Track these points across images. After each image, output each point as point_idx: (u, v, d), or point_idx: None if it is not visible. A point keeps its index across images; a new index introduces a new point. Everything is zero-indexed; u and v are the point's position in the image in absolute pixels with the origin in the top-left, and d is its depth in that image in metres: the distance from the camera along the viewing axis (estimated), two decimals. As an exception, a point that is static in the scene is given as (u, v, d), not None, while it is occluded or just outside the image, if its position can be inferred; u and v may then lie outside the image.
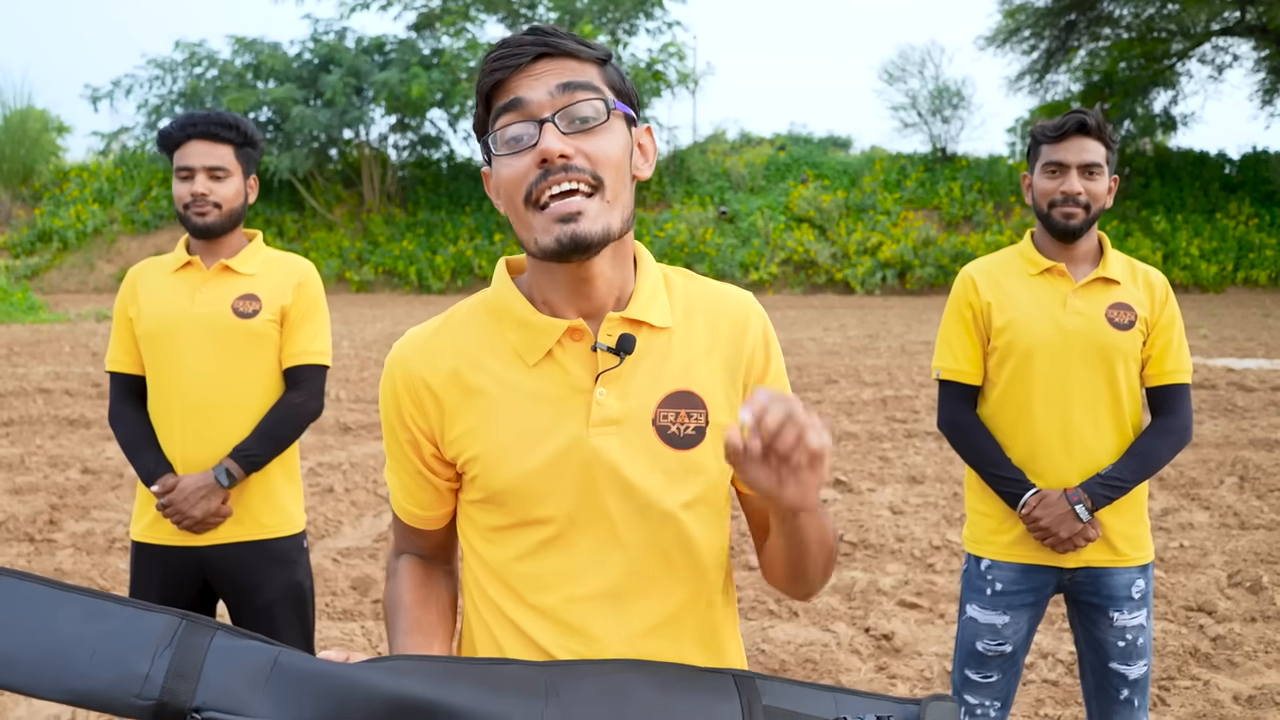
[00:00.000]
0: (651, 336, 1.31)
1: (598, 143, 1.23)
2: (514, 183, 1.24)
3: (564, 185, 1.20)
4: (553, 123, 1.22)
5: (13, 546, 5.49)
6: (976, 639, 2.48)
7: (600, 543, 1.29)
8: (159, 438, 2.59)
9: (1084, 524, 2.35)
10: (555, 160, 1.20)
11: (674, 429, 1.30)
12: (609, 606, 1.29)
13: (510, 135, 1.24)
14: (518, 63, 1.25)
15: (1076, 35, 28.84)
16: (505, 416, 1.29)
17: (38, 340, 15.25)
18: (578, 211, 1.21)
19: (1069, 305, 2.41)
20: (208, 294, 2.57)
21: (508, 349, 1.31)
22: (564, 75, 1.24)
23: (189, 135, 2.53)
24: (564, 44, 1.26)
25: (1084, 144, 2.39)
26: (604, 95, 1.25)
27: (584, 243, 1.21)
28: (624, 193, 1.26)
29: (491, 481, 1.30)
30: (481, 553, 1.36)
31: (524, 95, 1.23)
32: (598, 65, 1.28)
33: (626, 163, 1.27)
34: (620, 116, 1.28)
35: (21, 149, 30.00)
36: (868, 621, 4.38)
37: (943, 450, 7.75)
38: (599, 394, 1.28)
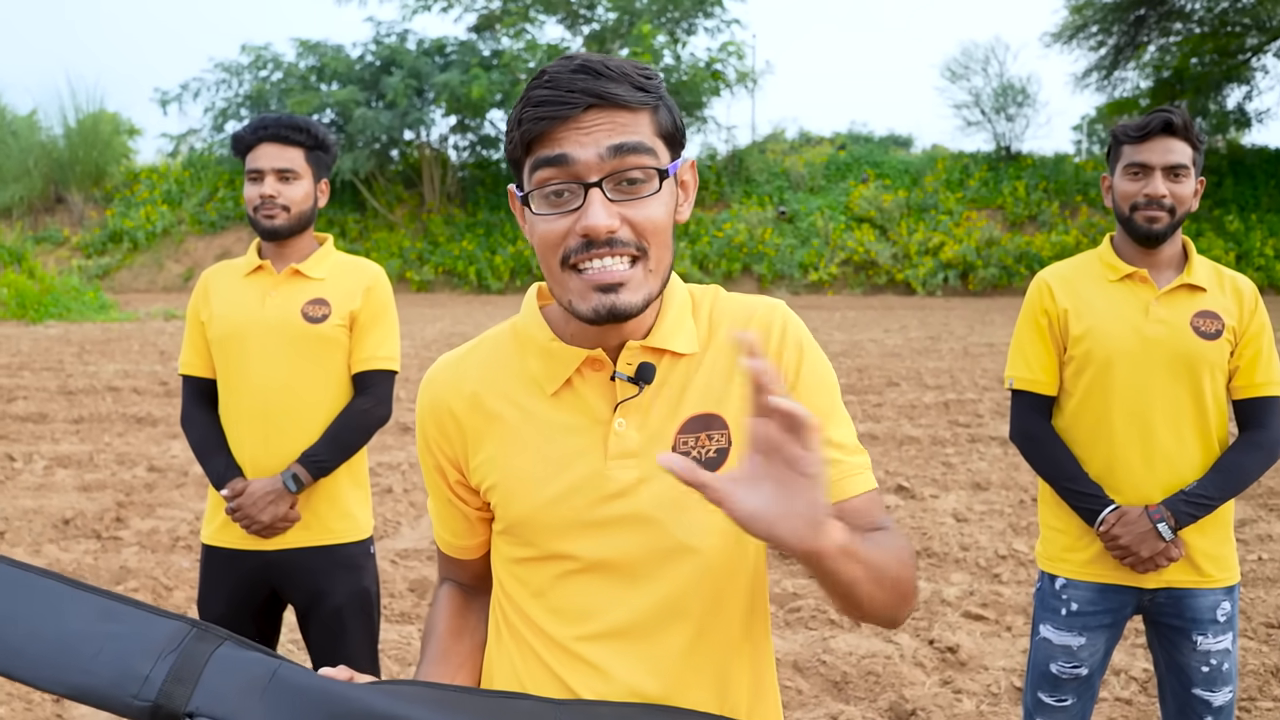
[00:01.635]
0: (674, 364, 1.25)
1: (646, 210, 1.16)
2: (551, 243, 1.16)
3: (606, 261, 1.14)
4: (600, 189, 1.14)
5: (80, 543, 5.59)
6: (1050, 661, 2.38)
7: (619, 579, 1.24)
8: (229, 441, 2.59)
9: (1166, 543, 2.24)
10: (601, 236, 1.13)
11: (694, 454, 1.22)
12: (629, 645, 1.23)
13: (552, 191, 1.15)
14: (565, 114, 1.13)
15: (1146, 30, 28.18)
16: (523, 445, 1.26)
17: (108, 339, 15.59)
18: (619, 283, 1.14)
19: (1151, 313, 2.30)
20: (278, 298, 2.57)
21: (528, 377, 1.27)
22: (616, 134, 1.14)
23: (260, 138, 2.53)
24: (617, 95, 1.14)
25: (1169, 144, 2.27)
26: (658, 158, 1.17)
27: (623, 314, 1.15)
28: (666, 255, 1.20)
29: (509, 511, 1.27)
30: (505, 583, 1.33)
31: (571, 153, 1.13)
32: (651, 111, 1.18)
33: (671, 221, 1.20)
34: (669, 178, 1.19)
35: (94, 152, 30.79)
36: (932, 633, 4.27)
37: (1008, 456, 7.58)
38: (618, 425, 1.23)
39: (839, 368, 12.12)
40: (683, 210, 1.25)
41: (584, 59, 1.16)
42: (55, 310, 18.84)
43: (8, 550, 5.44)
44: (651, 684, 1.22)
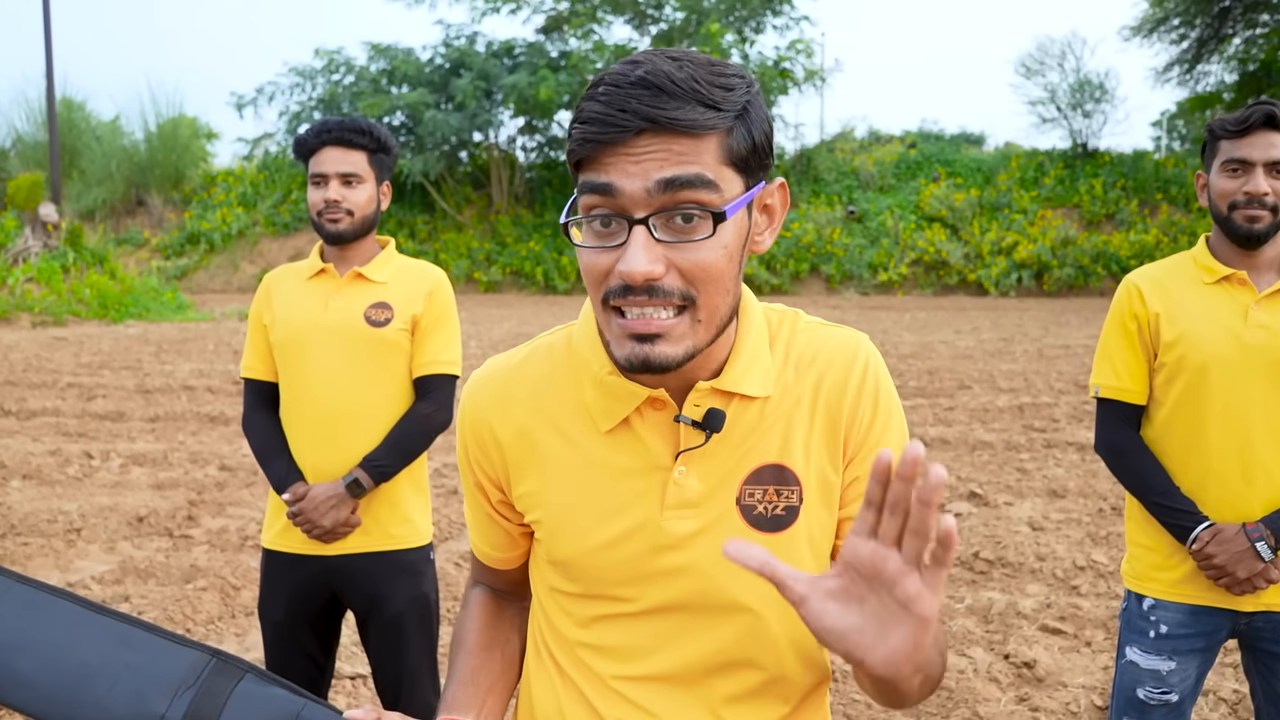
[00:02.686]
0: (744, 407, 1.13)
1: (698, 255, 1.00)
2: (594, 279, 1.04)
3: (645, 310, 1.01)
4: (647, 227, 0.99)
5: (153, 541, 5.67)
6: (1137, 685, 2.25)
7: (671, 630, 1.15)
8: (291, 445, 2.57)
9: (1265, 564, 2.10)
10: (639, 283, 0.99)
11: (760, 509, 1.12)
12: (677, 690, 1.15)
13: (598, 220, 1.02)
14: (612, 138, 0.99)
15: (1231, 22, 27.31)
16: (572, 485, 1.15)
17: (184, 338, 15.94)
18: (657, 334, 1.01)
19: (1251, 318, 2.16)
20: (340, 302, 2.55)
21: (581, 408, 1.15)
22: (669, 165, 0.98)
23: (323, 142, 2.51)
24: (676, 117, 0.98)
25: (1272, 139, 2.13)
26: (721, 193, 1.00)
27: (658, 368, 1.02)
28: (724, 302, 1.05)
29: (555, 550, 1.18)
30: (546, 607, 1.24)
31: (619, 183, 0.99)
32: (722, 134, 1.01)
33: (735, 264, 1.05)
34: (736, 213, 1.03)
35: (173, 155, 31.59)
36: (1007, 647, 4.12)
37: (1085, 463, 7.34)
38: (678, 473, 1.12)
39: (909, 370, 11.91)
40: (762, 240, 1.10)
41: (648, 68, 0.99)
42: (135, 310, 19.32)
43: (84, 547, 5.54)
44: None
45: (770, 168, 1.09)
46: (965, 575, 5.06)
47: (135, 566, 5.19)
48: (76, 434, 8.51)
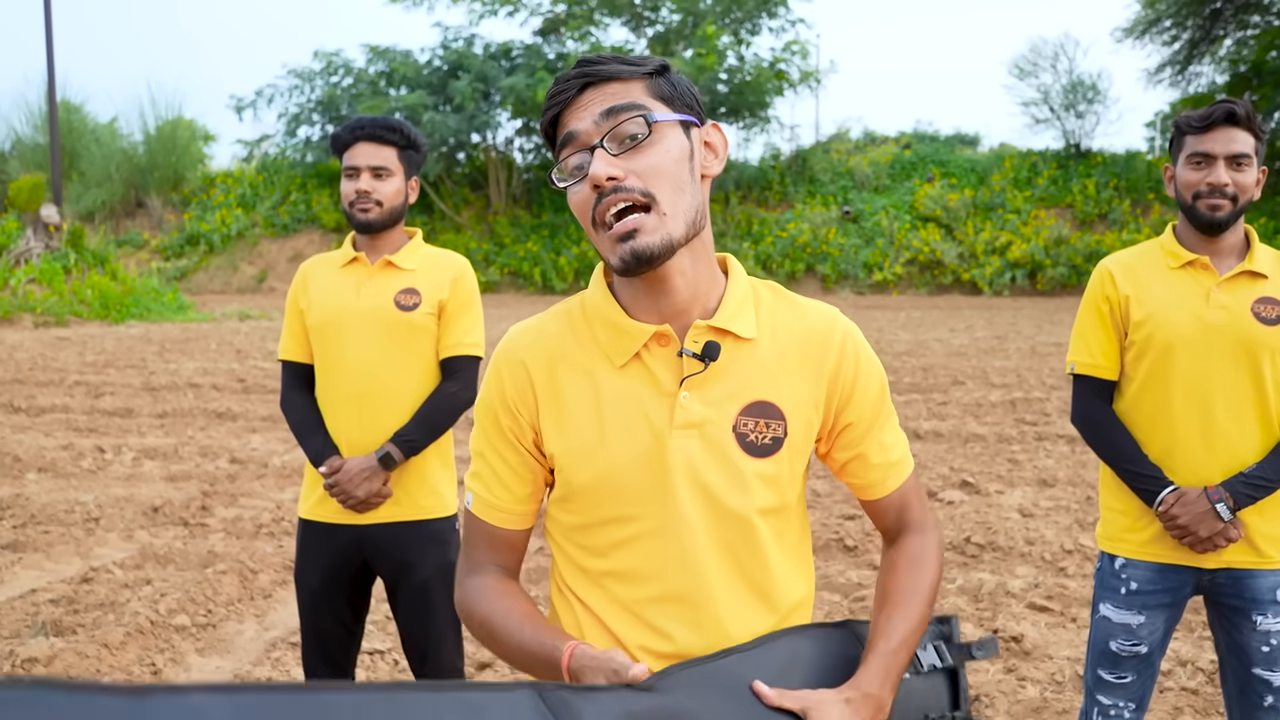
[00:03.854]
0: (736, 346, 1.35)
1: (646, 159, 1.27)
2: (580, 209, 1.30)
3: (618, 205, 1.26)
4: (602, 147, 1.27)
5: (169, 529, 5.84)
6: (1110, 639, 2.44)
7: (677, 544, 1.33)
8: (326, 422, 2.74)
9: (1225, 523, 2.29)
10: (605, 184, 1.25)
11: (753, 437, 1.34)
12: (687, 610, 1.33)
13: (572, 166, 1.30)
14: (566, 98, 1.31)
15: (1222, 24, 27.55)
16: (593, 413, 1.34)
17: (186, 338, 16.09)
18: (634, 229, 1.25)
19: (1212, 299, 2.35)
20: (372, 288, 2.72)
21: (597, 349, 1.36)
22: (606, 101, 1.29)
23: (357, 137, 2.69)
24: (605, 69, 1.30)
25: (1232, 134, 2.32)
26: (646, 110, 1.28)
27: (645, 256, 1.26)
28: (682, 199, 1.29)
29: (574, 477, 1.35)
30: (565, 549, 1.41)
31: (575, 128, 1.29)
32: (644, 80, 1.31)
33: (684, 168, 1.30)
34: (670, 126, 1.30)
35: (172, 157, 31.73)
36: (996, 623, 4.31)
37: (1075, 454, 7.54)
38: (683, 397, 1.32)
39: (903, 367, 12.10)
40: (710, 166, 1.36)
41: (584, 56, 1.34)
42: (136, 311, 19.46)
43: (103, 535, 5.71)
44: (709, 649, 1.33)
45: (701, 116, 1.37)
46: (957, 558, 5.25)
47: (155, 553, 5.36)
48: (87, 429, 8.67)
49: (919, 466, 7.23)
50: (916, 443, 8.06)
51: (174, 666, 4.01)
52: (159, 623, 4.27)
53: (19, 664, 3.81)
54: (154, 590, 4.75)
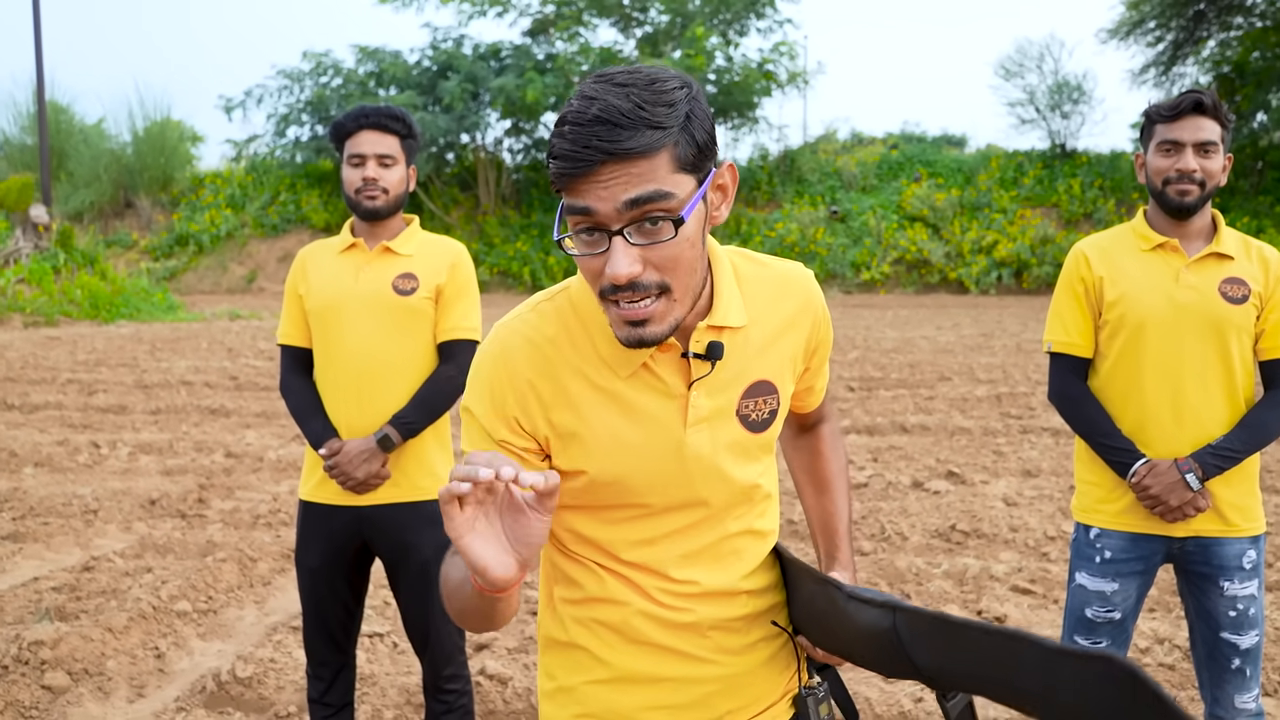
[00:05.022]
0: (732, 336, 1.41)
1: (666, 252, 1.24)
2: (590, 277, 1.28)
3: (633, 302, 1.25)
4: (623, 236, 1.22)
5: (167, 521, 5.92)
6: (1085, 606, 2.55)
7: (693, 518, 1.44)
8: (326, 405, 2.81)
9: (1194, 493, 2.40)
10: (623, 283, 1.23)
11: (754, 416, 1.44)
12: (710, 561, 1.45)
13: (583, 233, 1.25)
14: (582, 171, 1.20)
15: (1206, 25, 27.78)
16: (609, 420, 1.38)
17: (177, 337, 16.12)
18: (645, 319, 1.26)
19: (1181, 280, 2.46)
20: (370, 273, 2.79)
21: (599, 361, 1.38)
22: (631, 187, 1.20)
23: (360, 126, 2.75)
24: (630, 149, 1.19)
25: (1199, 122, 2.43)
26: (674, 202, 1.22)
27: (652, 343, 1.28)
28: (694, 279, 1.29)
29: (605, 472, 1.40)
30: (568, 520, 1.46)
31: (592, 205, 1.21)
32: (669, 147, 1.22)
33: (699, 246, 1.29)
34: (695, 210, 1.27)
35: (160, 158, 31.65)
36: (980, 604, 4.42)
37: (1059, 445, 7.66)
38: (694, 397, 1.39)
39: (891, 364, 12.23)
40: (719, 214, 1.33)
41: (601, 106, 1.20)
42: (126, 311, 19.46)
43: (102, 526, 5.79)
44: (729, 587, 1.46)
45: (716, 155, 1.31)
46: (942, 545, 5.36)
47: (154, 543, 5.44)
48: (82, 425, 8.73)
49: (906, 458, 7.35)
50: (904, 436, 8.18)
51: (177, 650, 4.09)
52: (161, 608, 4.35)
53: (25, 646, 3.88)
54: (155, 578, 4.83)
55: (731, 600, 1.46)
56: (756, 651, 1.49)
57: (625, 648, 1.45)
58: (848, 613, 1.34)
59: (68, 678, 3.75)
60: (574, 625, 1.48)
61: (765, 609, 1.50)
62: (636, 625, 1.44)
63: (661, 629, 1.44)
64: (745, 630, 1.48)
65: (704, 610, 1.45)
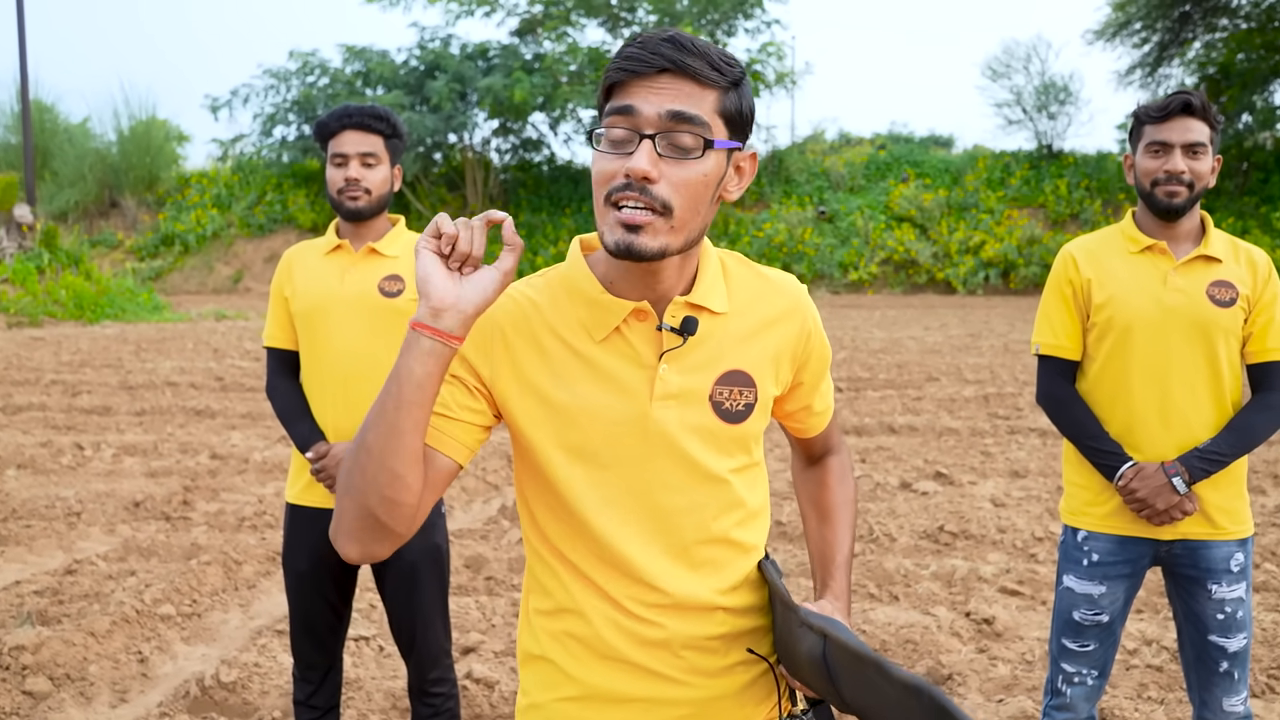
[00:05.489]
0: (710, 320, 1.42)
1: (684, 173, 1.30)
2: (602, 179, 1.32)
3: (637, 204, 1.29)
4: (652, 142, 1.29)
5: (151, 524, 5.87)
6: (1073, 608, 2.54)
7: (661, 508, 1.41)
8: (312, 408, 2.79)
9: (1181, 496, 2.39)
10: (638, 179, 1.29)
11: (728, 405, 1.43)
12: (681, 568, 1.42)
13: (614, 137, 1.32)
14: (642, 70, 1.30)
15: (1191, 27, 27.91)
16: (578, 382, 1.39)
17: (163, 338, 16.03)
18: (641, 225, 1.29)
19: (1169, 282, 2.46)
20: (356, 275, 2.77)
21: (577, 323, 1.40)
22: (678, 100, 1.30)
23: (344, 125, 2.73)
24: (691, 65, 1.30)
25: (1188, 124, 2.42)
26: (707, 131, 1.31)
27: (637, 255, 1.30)
28: (695, 218, 1.34)
29: (567, 436, 1.40)
30: (538, 517, 1.45)
31: (636, 105, 1.30)
32: (720, 92, 1.32)
33: (709, 191, 1.34)
34: (719, 151, 1.34)
35: (146, 157, 31.46)
36: (968, 606, 4.42)
37: (1046, 446, 7.68)
38: (662, 370, 1.39)
39: (879, 364, 12.24)
40: (732, 191, 1.40)
41: (677, 32, 1.33)
42: (111, 311, 19.34)
43: (85, 529, 5.74)
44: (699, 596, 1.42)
45: (749, 138, 1.39)
46: (930, 546, 5.36)
47: (138, 546, 5.40)
48: (65, 427, 8.66)
49: (893, 459, 7.35)
50: (891, 436, 8.18)
51: (160, 654, 4.06)
52: (144, 612, 4.31)
53: (6, 651, 3.84)
54: (138, 581, 4.79)
55: (707, 616, 1.43)
56: (733, 676, 1.46)
57: (595, 663, 1.43)
58: (797, 637, 1.35)
59: (49, 683, 3.72)
60: (546, 638, 1.47)
61: (745, 631, 1.46)
62: (606, 638, 1.42)
63: (632, 644, 1.42)
64: (722, 652, 1.45)
65: (676, 625, 1.42)
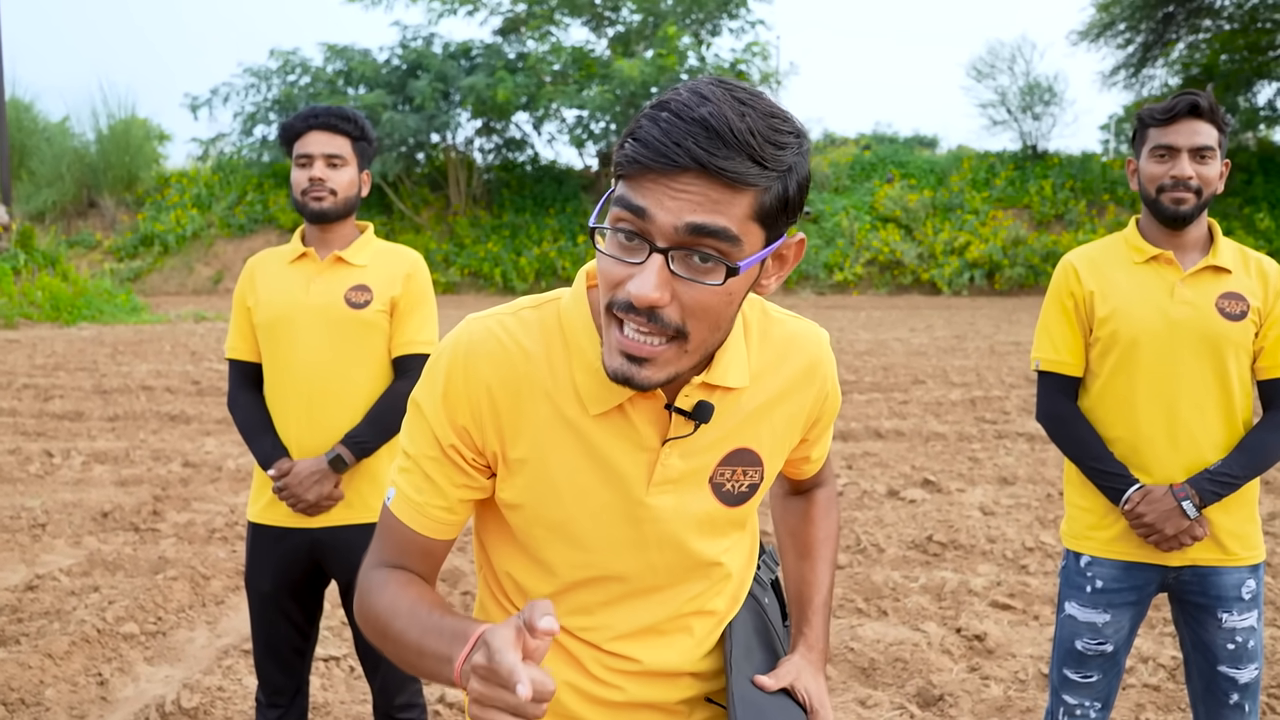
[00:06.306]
0: (724, 397, 1.24)
1: (701, 297, 1.08)
2: (607, 284, 1.11)
3: (642, 332, 1.09)
4: (665, 258, 1.06)
5: (119, 535, 5.70)
6: (1076, 638, 2.41)
7: (644, 589, 1.29)
8: (275, 423, 2.66)
9: (1191, 521, 2.27)
10: (643, 306, 1.07)
11: (729, 486, 1.27)
12: (654, 638, 1.30)
13: (621, 238, 1.09)
14: (661, 168, 1.04)
15: (1175, 28, 27.94)
16: (565, 458, 1.22)
17: (140, 340, 15.80)
18: (646, 358, 1.10)
19: (1177, 294, 2.33)
20: (322, 285, 2.64)
21: (572, 391, 1.21)
22: (702, 211, 1.04)
23: (310, 125, 2.62)
24: (724, 168, 1.03)
25: (1195, 126, 2.30)
26: (735, 248, 1.07)
27: (638, 387, 1.12)
28: (715, 336, 1.14)
29: (546, 515, 1.25)
30: (501, 573, 1.32)
31: (651, 209, 1.05)
32: (758, 192, 1.06)
33: (733, 308, 1.13)
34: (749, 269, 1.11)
35: (125, 157, 31.10)
36: (959, 622, 4.30)
37: (1035, 451, 7.57)
38: (665, 455, 1.23)
39: (864, 366, 12.13)
40: (768, 285, 1.17)
41: (713, 109, 1.04)
42: (88, 312, 19.08)
43: (49, 542, 5.56)
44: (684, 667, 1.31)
45: (796, 220, 1.15)
46: (919, 557, 5.23)
47: (103, 559, 5.22)
48: (35, 433, 8.47)
49: (880, 465, 7.23)
50: (878, 441, 8.06)
51: (121, 676, 3.89)
52: (106, 631, 4.15)
53: (-42, 676, 3.67)
54: (102, 598, 4.62)
55: (673, 682, 1.32)
56: None
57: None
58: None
59: (2, 709, 3.55)
60: None
61: (710, 692, 1.35)
62: (563, 699, 1.29)
63: (591, 706, 1.29)
64: (685, 714, 1.33)
65: (639, 690, 1.29)
